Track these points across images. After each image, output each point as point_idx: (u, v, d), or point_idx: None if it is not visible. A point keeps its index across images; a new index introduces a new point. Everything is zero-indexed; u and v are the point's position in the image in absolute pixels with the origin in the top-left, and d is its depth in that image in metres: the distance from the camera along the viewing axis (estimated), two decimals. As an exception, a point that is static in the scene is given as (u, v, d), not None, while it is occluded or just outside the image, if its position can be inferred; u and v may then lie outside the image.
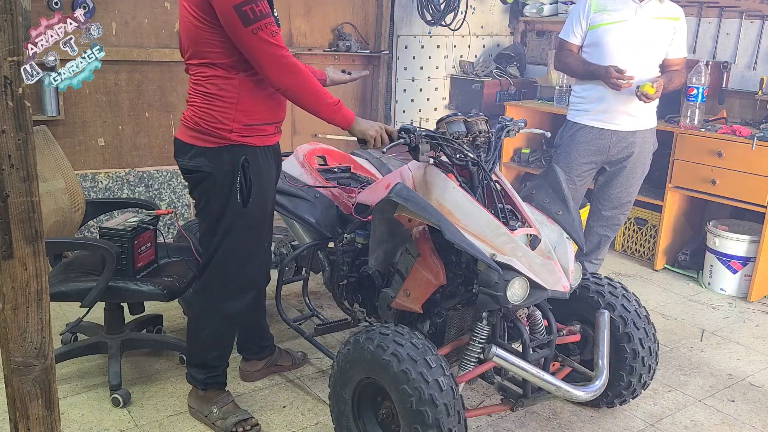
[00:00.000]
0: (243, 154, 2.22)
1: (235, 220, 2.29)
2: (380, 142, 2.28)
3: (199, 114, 2.21)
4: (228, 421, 2.48)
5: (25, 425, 1.49)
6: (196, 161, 2.24)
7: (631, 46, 3.34)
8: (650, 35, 3.37)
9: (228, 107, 2.18)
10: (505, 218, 2.30)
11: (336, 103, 2.21)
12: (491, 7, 5.54)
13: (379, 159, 3.27)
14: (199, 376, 2.53)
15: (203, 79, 2.19)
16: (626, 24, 3.33)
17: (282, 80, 2.11)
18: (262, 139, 2.28)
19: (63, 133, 3.95)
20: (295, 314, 3.43)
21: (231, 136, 2.20)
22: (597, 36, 3.38)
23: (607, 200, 3.62)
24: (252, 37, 2.04)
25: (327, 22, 4.88)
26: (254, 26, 2.02)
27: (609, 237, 3.73)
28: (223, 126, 2.19)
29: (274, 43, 2.06)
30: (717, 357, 3.26)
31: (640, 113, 3.43)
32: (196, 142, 2.23)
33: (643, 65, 3.37)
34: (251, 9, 2.01)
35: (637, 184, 3.62)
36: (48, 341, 1.48)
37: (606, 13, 3.36)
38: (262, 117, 2.25)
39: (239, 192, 2.23)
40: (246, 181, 2.24)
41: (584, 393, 2.27)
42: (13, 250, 1.38)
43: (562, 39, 3.54)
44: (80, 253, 2.95)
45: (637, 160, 3.52)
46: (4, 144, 1.33)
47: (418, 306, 2.40)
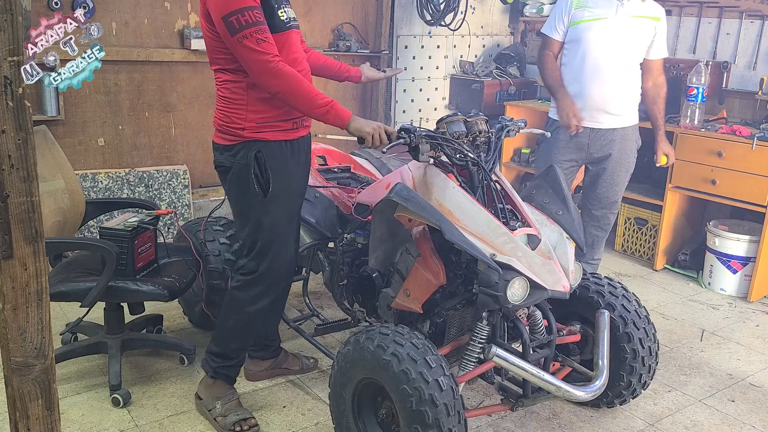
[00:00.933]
0: (257, 148, 2.32)
1: (262, 212, 2.37)
2: (378, 140, 2.29)
3: (219, 116, 2.38)
4: (228, 419, 2.49)
5: (25, 425, 1.49)
6: (220, 158, 2.40)
7: (610, 44, 3.33)
8: (630, 34, 3.35)
9: (239, 108, 2.31)
10: (505, 218, 2.30)
11: (328, 104, 2.24)
12: (491, 7, 5.54)
13: (379, 159, 3.27)
14: (212, 363, 2.58)
15: (220, 83, 2.36)
16: (606, 22, 3.32)
17: (269, 84, 2.21)
18: (278, 134, 2.35)
19: (63, 133, 3.95)
20: (295, 314, 3.43)
21: (244, 134, 2.32)
22: (577, 33, 3.38)
23: (595, 200, 3.61)
24: (238, 45, 2.16)
25: (327, 22, 4.88)
26: (239, 35, 2.14)
27: (601, 237, 3.71)
28: (236, 125, 2.32)
29: (258, 50, 2.16)
30: (717, 357, 3.26)
31: (619, 111, 3.43)
32: (219, 141, 2.39)
33: (621, 64, 3.37)
34: (236, 19, 2.13)
35: (623, 183, 3.60)
36: (48, 341, 1.48)
37: (587, 9, 3.35)
38: (274, 115, 2.33)
39: (256, 182, 2.33)
40: (262, 171, 2.33)
41: (584, 393, 2.27)
42: (13, 250, 1.38)
43: (544, 34, 3.54)
44: (80, 253, 2.95)
45: (619, 158, 3.49)
46: (4, 144, 1.33)
47: (418, 306, 2.40)
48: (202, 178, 4.56)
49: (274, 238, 2.41)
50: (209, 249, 3.00)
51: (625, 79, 3.42)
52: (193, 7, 4.24)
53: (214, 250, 3.01)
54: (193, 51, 4.20)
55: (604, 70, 3.33)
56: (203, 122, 4.44)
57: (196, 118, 4.44)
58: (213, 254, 3.00)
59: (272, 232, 2.40)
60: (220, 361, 2.57)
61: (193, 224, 3.18)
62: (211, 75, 4.38)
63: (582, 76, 3.38)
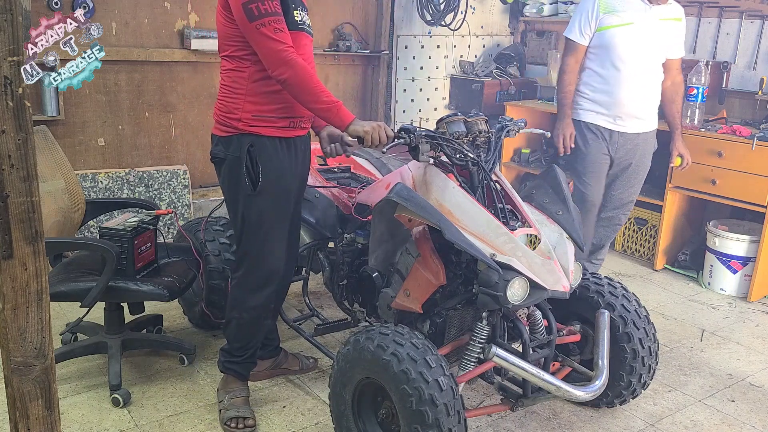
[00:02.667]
0: (250, 141, 2.35)
1: (248, 206, 2.39)
2: (377, 138, 2.28)
3: (218, 105, 2.41)
4: (227, 413, 2.53)
5: (25, 425, 1.49)
6: (215, 149, 2.42)
7: (639, 49, 3.33)
8: (658, 37, 3.36)
9: (237, 97, 2.34)
10: (505, 218, 2.30)
11: (333, 103, 2.25)
12: (491, 7, 5.54)
13: (379, 159, 3.27)
14: (222, 357, 2.65)
15: (223, 72, 2.39)
16: (634, 27, 3.31)
17: (279, 72, 2.22)
18: (273, 130, 2.37)
19: (63, 133, 3.95)
20: (295, 314, 3.43)
21: (239, 125, 2.34)
22: (605, 38, 3.35)
23: (608, 200, 3.62)
24: (255, 32, 2.20)
25: (327, 22, 4.88)
26: (258, 22, 2.19)
27: (610, 237, 3.73)
28: (233, 115, 2.35)
29: (275, 38, 2.20)
30: (717, 357, 3.26)
31: (646, 115, 3.44)
32: (216, 132, 2.43)
33: (649, 67, 3.37)
34: (256, 7, 2.18)
35: (639, 184, 3.63)
36: (48, 341, 1.48)
37: (615, 14, 3.32)
38: (271, 109, 2.35)
39: (247, 175, 2.35)
40: (253, 165, 2.35)
41: (584, 393, 2.27)
42: (13, 250, 1.37)
43: (568, 38, 3.47)
44: (80, 253, 2.95)
45: (640, 161, 3.52)
46: (4, 144, 1.33)
47: (418, 306, 2.40)
48: (202, 178, 4.56)
49: (260, 234, 2.43)
50: (209, 249, 3.00)
51: (651, 83, 3.43)
52: (193, 7, 4.24)
53: (214, 250, 3.01)
54: (193, 51, 4.20)
55: (634, 75, 3.32)
56: (203, 122, 4.44)
57: (196, 118, 4.44)
58: (213, 254, 3.00)
59: (259, 227, 2.42)
60: (228, 356, 2.62)
61: (193, 224, 3.18)
62: (211, 75, 4.44)
63: (612, 83, 3.37)
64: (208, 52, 4.21)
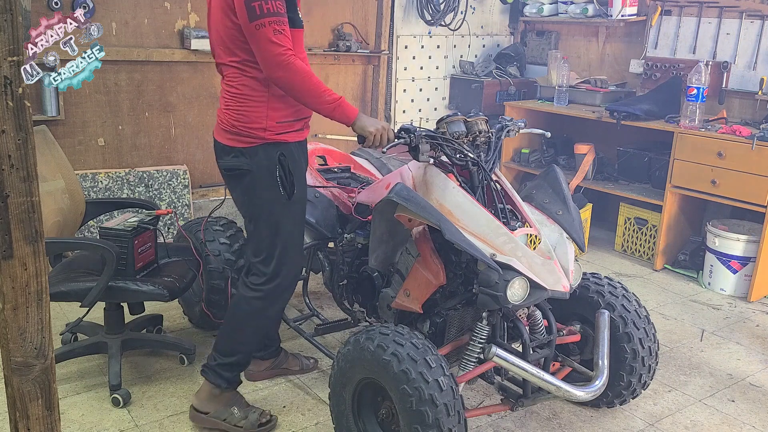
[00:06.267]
0: (279, 150, 2.30)
1: (284, 215, 2.35)
2: (380, 140, 2.28)
3: (234, 116, 2.29)
4: (250, 419, 2.50)
5: (25, 425, 1.49)
6: (236, 161, 2.32)
7: None
8: None
9: (259, 106, 2.26)
10: (505, 218, 2.30)
11: (336, 100, 2.24)
12: (491, 7, 5.54)
13: (379, 159, 3.27)
14: (226, 373, 2.50)
15: (235, 80, 2.28)
16: None
17: (277, 75, 2.17)
18: (294, 135, 2.34)
19: (63, 133, 3.95)
20: (295, 314, 3.42)
21: (266, 135, 2.28)
22: None
23: None
24: (254, 32, 2.13)
25: (327, 22, 4.88)
26: (258, 22, 2.11)
27: None
28: (257, 125, 2.27)
29: (273, 40, 2.13)
30: (717, 357, 3.26)
31: None
32: (235, 143, 2.31)
33: None
34: (259, 5, 2.11)
35: None
36: (48, 341, 1.48)
37: None
38: (291, 113, 2.31)
39: (281, 185, 2.30)
40: (286, 173, 2.31)
41: (584, 393, 2.27)
42: (13, 250, 1.37)
43: None
44: (80, 253, 2.95)
45: None
46: (4, 144, 1.33)
47: (418, 306, 2.40)
48: (202, 178, 4.56)
49: (293, 241, 2.41)
50: (209, 249, 3.00)
51: None
52: (193, 7, 4.24)
53: (214, 250, 3.01)
54: (193, 51, 4.19)
55: None
56: (203, 122, 4.44)
57: (196, 118, 4.44)
58: (213, 254, 3.00)
59: (292, 234, 2.39)
60: (237, 369, 2.52)
61: (193, 224, 3.18)
62: (211, 75, 4.43)
63: None
64: (208, 52, 4.19)
